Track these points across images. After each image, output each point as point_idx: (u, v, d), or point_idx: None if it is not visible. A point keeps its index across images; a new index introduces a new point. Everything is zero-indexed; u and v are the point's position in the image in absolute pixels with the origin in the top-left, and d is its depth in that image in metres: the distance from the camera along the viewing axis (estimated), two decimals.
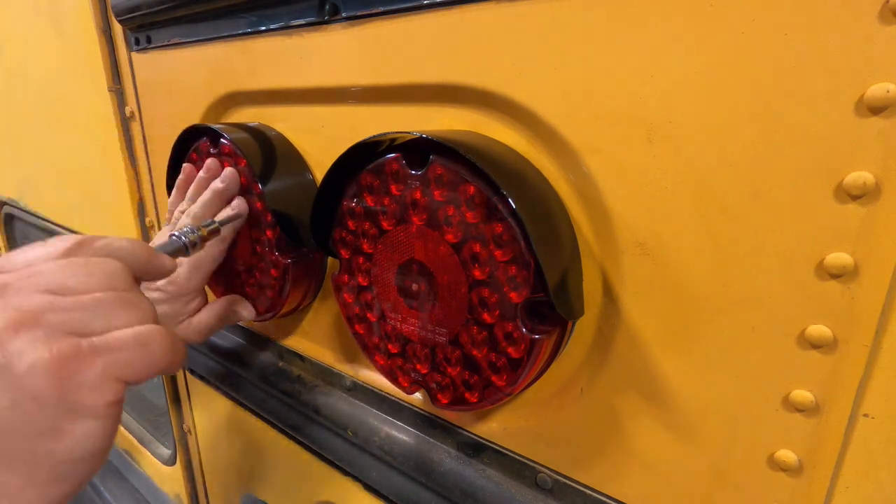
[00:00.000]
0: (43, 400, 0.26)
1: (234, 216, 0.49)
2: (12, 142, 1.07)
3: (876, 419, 0.27)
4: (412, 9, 0.39)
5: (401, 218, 0.38)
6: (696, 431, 0.33)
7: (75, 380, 0.27)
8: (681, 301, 0.32)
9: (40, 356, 0.26)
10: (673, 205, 0.31)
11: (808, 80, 0.26)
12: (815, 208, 0.27)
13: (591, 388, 0.37)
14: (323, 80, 0.47)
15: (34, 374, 0.26)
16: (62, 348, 0.27)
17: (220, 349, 0.69)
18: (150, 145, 0.72)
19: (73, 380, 0.27)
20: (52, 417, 0.27)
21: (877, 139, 0.24)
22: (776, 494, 0.31)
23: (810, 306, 0.28)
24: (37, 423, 0.27)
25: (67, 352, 0.27)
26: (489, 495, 0.43)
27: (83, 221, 0.94)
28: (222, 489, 0.83)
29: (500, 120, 0.38)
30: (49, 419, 0.27)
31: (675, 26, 0.29)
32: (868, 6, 0.24)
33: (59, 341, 0.27)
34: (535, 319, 0.35)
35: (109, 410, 0.29)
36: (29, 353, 0.26)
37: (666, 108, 0.30)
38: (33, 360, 0.26)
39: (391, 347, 0.42)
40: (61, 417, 0.27)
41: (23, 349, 0.26)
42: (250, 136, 0.51)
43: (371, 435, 0.51)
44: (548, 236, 0.33)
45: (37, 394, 0.26)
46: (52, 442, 0.27)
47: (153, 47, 0.64)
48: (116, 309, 0.30)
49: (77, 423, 0.27)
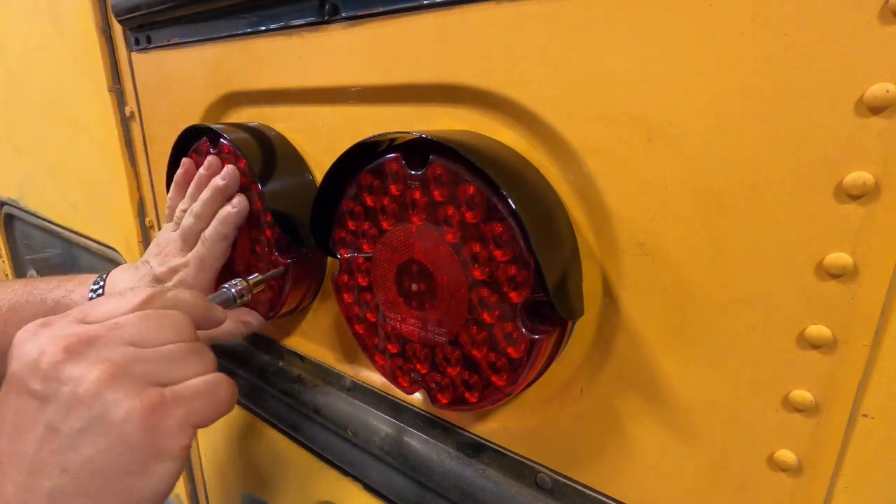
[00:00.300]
0: (133, 444, 0.30)
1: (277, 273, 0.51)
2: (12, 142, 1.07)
3: (876, 419, 0.27)
4: (412, 9, 0.39)
5: (401, 218, 0.38)
6: (695, 431, 0.33)
7: (160, 427, 0.31)
8: (681, 301, 0.32)
9: (133, 406, 0.30)
10: (673, 205, 0.31)
11: (807, 80, 0.26)
12: (815, 208, 0.26)
13: (591, 388, 0.37)
14: (323, 80, 0.47)
15: (129, 422, 0.30)
16: (151, 398, 0.31)
17: (220, 349, 0.69)
18: (150, 145, 0.72)
19: (159, 427, 0.31)
20: (140, 460, 0.30)
21: (877, 139, 0.24)
22: (776, 494, 0.31)
23: (810, 306, 0.28)
24: (127, 464, 0.30)
25: (154, 401, 0.31)
26: (489, 495, 0.43)
27: (83, 222, 0.94)
28: (222, 489, 0.83)
29: (500, 120, 0.38)
30: (137, 461, 0.30)
31: (676, 26, 0.29)
32: (868, 6, 0.24)
33: (146, 392, 0.31)
34: (535, 319, 0.35)
35: (183, 453, 0.32)
36: (123, 403, 0.30)
37: (666, 108, 0.30)
38: (128, 410, 0.30)
39: (391, 347, 0.42)
40: (147, 460, 0.31)
41: (118, 399, 0.30)
42: (250, 136, 0.51)
43: (371, 435, 0.51)
44: (548, 236, 0.33)
45: (129, 438, 0.30)
46: (138, 480, 0.31)
47: (153, 47, 0.64)
48: (188, 359, 0.34)
49: (159, 465, 0.31)
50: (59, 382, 0.30)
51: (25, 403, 0.31)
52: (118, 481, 0.30)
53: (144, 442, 0.30)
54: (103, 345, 0.32)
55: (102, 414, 0.30)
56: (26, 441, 0.30)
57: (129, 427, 0.30)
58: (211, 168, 0.52)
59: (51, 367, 0.30)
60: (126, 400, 0.30)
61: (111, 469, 0.30)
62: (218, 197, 0.51)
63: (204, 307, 0.39)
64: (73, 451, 0.30)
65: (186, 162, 0.55)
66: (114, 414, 0.30)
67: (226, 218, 0.50)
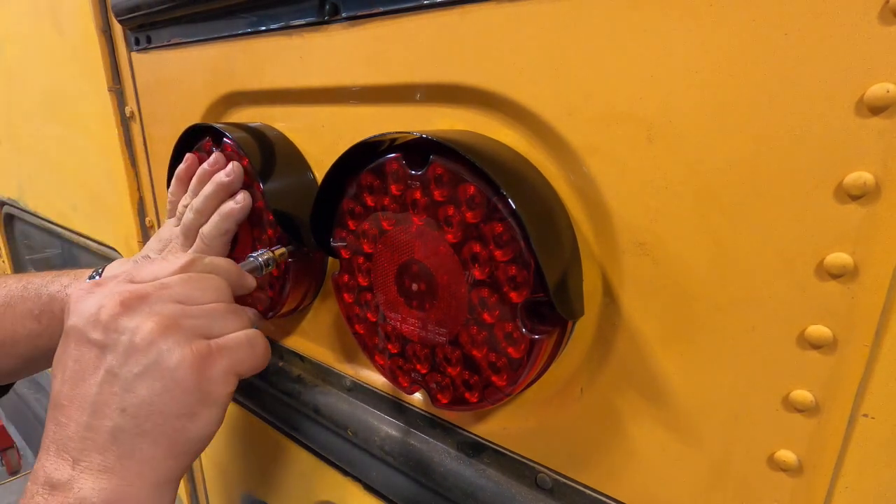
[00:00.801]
0: (185, 388, 0.33)
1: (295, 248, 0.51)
2: (12, 142, 1.07)
3: (876, 419, 0.27)
4: (412, 9, 0.39)
5: (401, 218, 0.38)
6: (695, 431, 0.33)
7: (207, 374, 0.34)
8: (681, 301, 0.32)
9: (184, 354, 0.34)
10: (673, 205, 0.31)
11: (808, 80, 0.26)
12: (815, 208, 0.27)
13: (591, 388, 0.37)
14: (323, 80, 0.47)
15: (181, 368, 0.33)
16: (199, 348, 0.34)
17: None
18: (150, 145, 0.72)
19: (206, 374, 0.34)
20: (190, 403, 0.34)
21: (877, 139, 0.24)
22: (776, 494, 0.31)
23: (810, 306, 0.28)
24: (179, 407, 0.33)
25: (203, 351, 0.34)
26: (489, 495, 0.43)
27: (83, 221, 0.94)
28: (222, 489, 0.83)
29: (500, 120, 0.38)
30: (188, 404, 0.34)
31: (676, 26, 0.29)
32: (868, 6, 0.24)
33: (195, 343, 0.34)
34: (535, 319, 0.35)
35: (227, 399, 0.36)
36: (176, 351, 0.33)
37: (666, 108, 0.30)
38: (181, 357, 0.33)
39: (391, 347, 0.42)
40: (196, 403, 0.34)
41: (171, 348, 0.33)
42: (251, 136, 0.51)
43: (371, 435, 0.51)
44: (548, 236, 0.33)
45: (181, 383, 0.33)
46: (188, 422, 0.34)
47: (153, 47, 0.64)
48: (228, 316, 0.38)
49: (206, 409, 0.35)
50: (118, 332, 0.34)
51: (85, 352, 0.34)
52: (171, 422, 0.33)
53: (194, 386, 0.34)
54: (154, 301, 0.35)
55: (157, 360, 0.33)
56: (88, 385, 0.33)
57: (181, 372, 0.33)
58: (215, 164, 0.52)
59: (110, 318, 0.34)
60: (178, 348, 0.33)
61: (165, 410, 0.33)
62: (220, 193, 0.51)
63: (237, 273, 0.43)
64: (131, 394, 0.33)
65: (189, 157, 0.55)
66: (168, 360, 0.33)
67: (228, 213, 0.50)
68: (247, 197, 0.51)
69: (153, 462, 0.33)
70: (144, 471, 0.33)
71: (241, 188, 0.51)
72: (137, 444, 0.33)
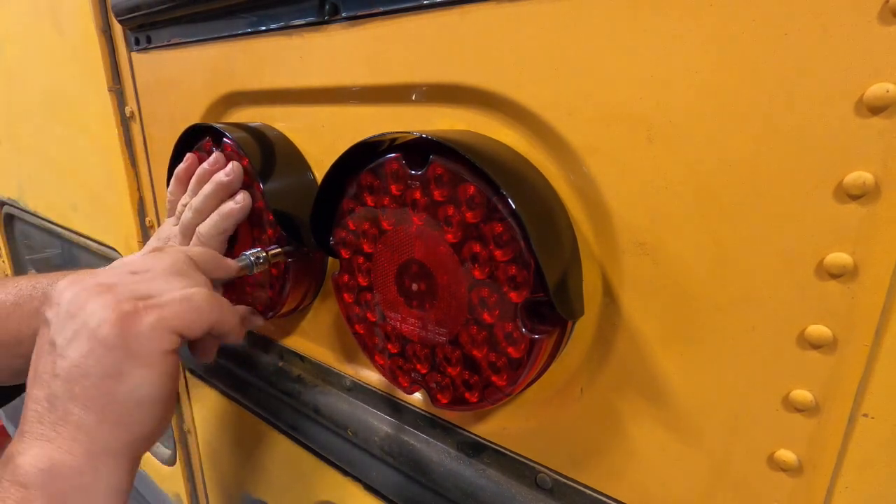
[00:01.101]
0: (108, 345, 0.33)
1: (289, 249, 0.51)
2: (12, 142, 1.07)
3: (876, 419, 0.27)
4: (412, 9, 0.39)
5: (401, 218, 0.38)
6: (695, 431, 0.33)
7: (133, 330, 0.34)
8: (681, 301, 0.32)
9: (108, 312, 0.34)
10: (673, 205, 0.31)
11: (807, 80, 0.26)
12: (815, 208, 0.27)
13: (591, 388, 0.37)
14: (323, 80, 0.47)
15: (104, 325, 0.33)
16: (124, 307, 0.34)
17: (221, 349, 0.69)
18: (150, 145, 0.72)
19: (132, 330, 0.34)
20: (116, 362, 0.33)
21: (877, 139, 0.24)
22: (776, 494, 0.31)
23: (810, 306, 0.28)
24: (104, 366, 0.33)
25: (127, 308, 0.34)
26: (489, 495, 0.43)
27: (83, 221, 0.94)
28: (222, 489, 0.83)
29: (500, 120, 0.38)
30: (114, 363, 0.33)
31: (675, 26, 0.29)
32: (868, 6, 0.24)
33: (122, 303, 0.34)
34: (535, 319, 0.35)
35: (163, 359, 0.35)
36: (99, 311, 0.34)
37: (666, 108, 0.30)
38: (103, 316, 0.33)
39: (391, 347, 0.42)
40: (123, 361, 0.33)
41: (95, 309, 0.34)
42: (251, 136, 0.51)
43: (371, 435, 0.51)
44: (548, 236, 0.33)
45: (104, 340, 0.33)
46: (116, 383, 0.33)
47: (153, 47, 0.64)
48: (172, 278, 0.37)
49: (136, 368, 0.34)
50: (59, 304, 0.35)
51: (42, 332, 0.36)
52: (98, 384, 0.33)
53: (117, 343, 0.33)
54: (103, 273, 0.36)
55: (85, 322, 0.34)
56: (38, 361, 0.35)
57: (103, 330, 0.33)
58: (215, 164, 0.52)
59: (56, 294, 0.36)
60: (101, 309, 0.34)
61: (91, 371, 0.33)
62: (220, 192, 0.51)
63: (212, 253, 0.43)
64: (61, 358, 0.34)
65: (189, 157, 0.54)
66: (91, 321, 0.33)
67: (228, 213, 0.50)
68: (246, 197, 0.51)
69: (86, 427, 0.33)
70: (79, 436, 0.33)
71: (240, 188, 0.51)
72: (70, 409, 0.33)
